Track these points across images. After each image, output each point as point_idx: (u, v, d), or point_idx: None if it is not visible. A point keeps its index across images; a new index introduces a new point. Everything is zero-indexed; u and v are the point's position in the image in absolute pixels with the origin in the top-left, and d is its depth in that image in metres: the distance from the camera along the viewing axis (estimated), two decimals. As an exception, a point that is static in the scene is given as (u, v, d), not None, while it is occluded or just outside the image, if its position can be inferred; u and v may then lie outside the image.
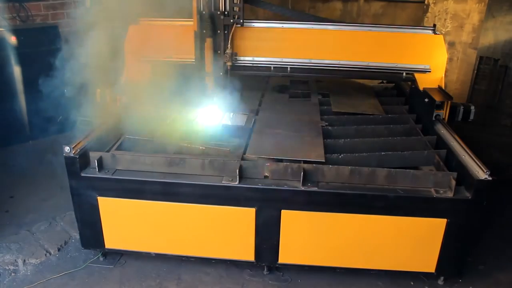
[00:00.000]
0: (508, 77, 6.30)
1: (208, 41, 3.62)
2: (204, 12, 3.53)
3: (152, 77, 4.01)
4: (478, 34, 6.40)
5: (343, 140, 3.51)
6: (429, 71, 3.93)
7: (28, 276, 3.40)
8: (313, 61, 3.98)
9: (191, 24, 3.72)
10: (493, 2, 6.23)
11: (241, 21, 3.66)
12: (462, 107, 3.90)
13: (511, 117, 6.38)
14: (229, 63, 3.76)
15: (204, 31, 3.58)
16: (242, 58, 3.92)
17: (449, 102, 3.80)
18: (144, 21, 4.17)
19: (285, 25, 4.01)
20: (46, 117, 5.53)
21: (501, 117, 6.45)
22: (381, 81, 5.32)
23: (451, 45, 6.60)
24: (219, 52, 3.72)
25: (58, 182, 4.49)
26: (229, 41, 3.71)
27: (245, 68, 3.92)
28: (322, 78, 4.99)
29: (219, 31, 3.65)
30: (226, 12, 3.60)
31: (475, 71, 6.53)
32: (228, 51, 3.70)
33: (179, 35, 3.98)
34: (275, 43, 4.00)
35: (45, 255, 3.60)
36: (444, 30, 6.56)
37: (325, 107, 4.18)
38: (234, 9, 3.62)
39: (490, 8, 6.25)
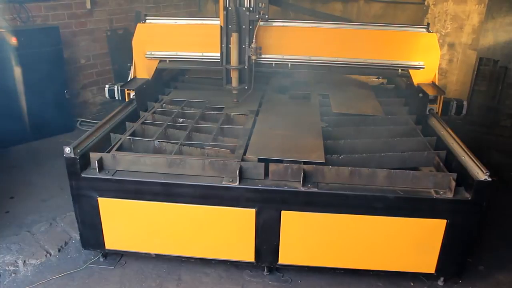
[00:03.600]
0: (508, 78, 6.30)
1: (234, 36, 3.77)
2: (229, 8, 3.69)
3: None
4: (478, 35, 6.41)
5: (343, 141, 3.52)
6: (423, 68, 4.10)
7: (28, 277, 3.40)
8: (312, 58, 4.13)
9: (197, 22, 4.09)
10: (493, 3, 6.25)
11: (266, 16, 3.82)
12: (455, 102, 4.13)
13: (511, 118, 6.38)
14: (254, 57, 3.90)
15: (230, 26, 3.76)
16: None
17: (442, 96, 3.99)
18: (151, 19, 4.32)
19: (286, 24, 4.11)
20: (46, 117, 5.58)
21: (501, 118, 6.46)
22: (381, 82, 5.34)
23: (451, 46, 6.62)
24: (243, 46, 3.87)
25: (59, 183, 4.50)
26: (254, 36, 3.84)
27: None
28: (322, 79, 5.01)
29: (244, 26, 3.81)
30: (251, 8, 3.75)
31: (475, 72, 6.54)
32: (253, 45, 3.85)
33: (187, 32, 4.22)
34: (276, 41, 4.07)
35: (45, 255, 3.60)
36: (444, 31, 6.58)
37: (325, 108, 4.19)
38: (259, 5, 3.76)
39: (489, 9, 6.26)
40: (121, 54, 6.64)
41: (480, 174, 2.88)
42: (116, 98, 4.31)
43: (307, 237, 3.18)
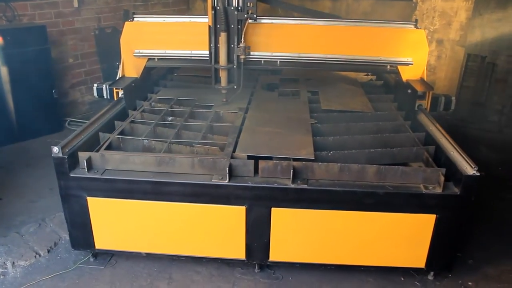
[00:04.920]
0: (496, 74, 6.36)
1: (222, 36, 3.77)
2: (218, 8, 3.68)
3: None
4: (466, 31, 6.46)
5: (332, 137, 3.52)
6: (412, 64, 4.12)
7: (17, 279, 3.37)
8: (302, 55, 4.13)
9: (186, 20, 4.09)
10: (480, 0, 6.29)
11: (255, 16, 3.81)
12: (443, 97, 4.16)
13: (498, 113, 6.44)
14: (242, 56, 3.89)
15: (218, 26, 3.75)
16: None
17: (431, 92, 4.03)
18: (139, 18, 4.31)
19: (274, 21, 4.11)
20: (34, 117, 5.54)
21: (489, 113, 6.51)
22: (370, 79, 5.36)
23: (439, 42, 6.66)
24: (232, 46, 3.86)
25: (47, 183, 4.46)
26: (243, 35, 3.84)
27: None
28: (312, 76, 5.02)
29: (232, 26, 3.80)
30: (239, 8, 3.75)
31: (463, 68, 6.59)
32: (242, 44, 3.85)
33: (175, 30, 4.21)
34: (264, 38, 4.07)
35: (35, 257, 3.57)
36: (432, 27, 6.62)
37: (315, 104, 4.20)
38: (248, 5, 3.76)
39: (477, 6, 6.31)
40: (109, 53, 6.60)
41: (469, 169, 2.91)
42: (105, 97, 4.29)
43: (298, 233, 3.18)
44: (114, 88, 4.17)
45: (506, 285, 3.38)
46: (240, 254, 3.27)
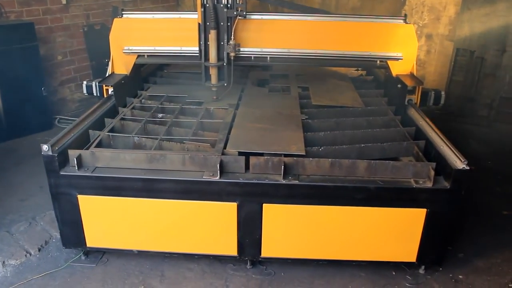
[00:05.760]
0: (484, 68, 6.39)
1: (212, 33, 3.76)
2: (207, 5, 3.68)
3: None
4: (455, 26, 6.49)
5: (323, 132, 3.54)
6: (401, 59, 4.11)
7: (8, 278, 3.35)
8: (292, 50, 4.12)
9: (175, 16, 4.10)
10: (468, -6, 6.32)
11: (244, 13, 3.82)
12: (433, 92, 4.17)
13: (488, 107, 6.49)
14: (232, 54, 3.88)
15: (208, 23, 3.75)
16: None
17: (420, 87, 4.04)
18: (128, 14, 4.28)
19: (264, 17, 4.10)
20: (23, 116, 5.49)
21: (478, 107, 6.56)
22: (360, 74, 5.37)
23: (428, 37, 6.69)
24: (222, 43, 3.86)
25: (37, 182, 4.43)
26: (232, 33, 3.83)
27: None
28: (302, 71, 5.03)
29: (222, 23, 3.79)
30: (229, 5, 3.75)
31: (452, 63, 6.62)
32: (232, 42, 3.84)
33: (165, 27, 4.20)
34: (254, 34, 4.06)
35: (25, 255, 3.54)
36: (421, 22, 6.64)
37: (305, 100, 4.21)
38: (237, 2, 3.77)
39: (465, 0, 6.33)
40: (98, 50, 6.55)
41: (458, 163, 2.93)
42: (95, 94, 4.27)
43: (290, 229, 3.19)
44: (104, 85, 4.14)
45: (496, 278, 3.41)
46: (232, 251, 3.27)
